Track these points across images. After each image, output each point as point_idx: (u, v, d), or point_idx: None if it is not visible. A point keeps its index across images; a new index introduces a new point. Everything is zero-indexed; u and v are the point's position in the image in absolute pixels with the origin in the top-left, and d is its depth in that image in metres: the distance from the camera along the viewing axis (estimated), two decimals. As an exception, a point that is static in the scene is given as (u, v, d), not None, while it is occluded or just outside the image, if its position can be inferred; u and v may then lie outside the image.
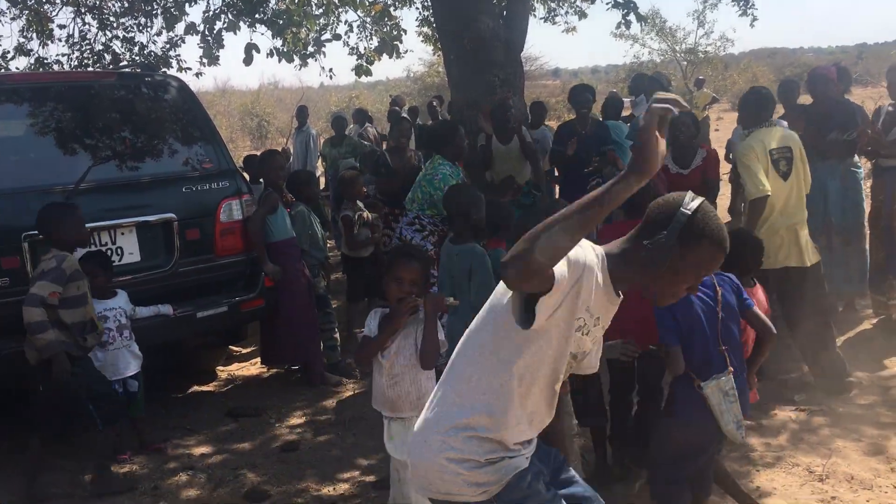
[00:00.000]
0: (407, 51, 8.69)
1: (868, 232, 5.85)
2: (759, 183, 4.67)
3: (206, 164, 4.97)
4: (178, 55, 10.00)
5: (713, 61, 24.50)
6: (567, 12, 12.64)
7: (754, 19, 9.57)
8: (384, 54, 8.56)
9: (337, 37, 8.75)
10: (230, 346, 6.02)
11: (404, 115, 10.92)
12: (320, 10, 8.15)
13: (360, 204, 6.26)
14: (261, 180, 5.93)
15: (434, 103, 12.14)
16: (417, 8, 12.11)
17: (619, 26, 8.33)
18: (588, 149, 6.78)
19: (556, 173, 7.64)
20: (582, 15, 12.65)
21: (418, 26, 12.62)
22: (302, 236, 5.47)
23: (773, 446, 4.09)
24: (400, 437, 3.03)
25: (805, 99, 6.79)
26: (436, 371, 3.03)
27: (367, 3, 8.21)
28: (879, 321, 5.75)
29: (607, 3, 7.88)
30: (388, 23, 8.69)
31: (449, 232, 4.44)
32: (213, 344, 5.56)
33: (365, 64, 8.92)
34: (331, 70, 9.18)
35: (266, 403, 5.18)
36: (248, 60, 7.81)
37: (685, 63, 23.69)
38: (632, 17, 7.80)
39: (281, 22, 7.09)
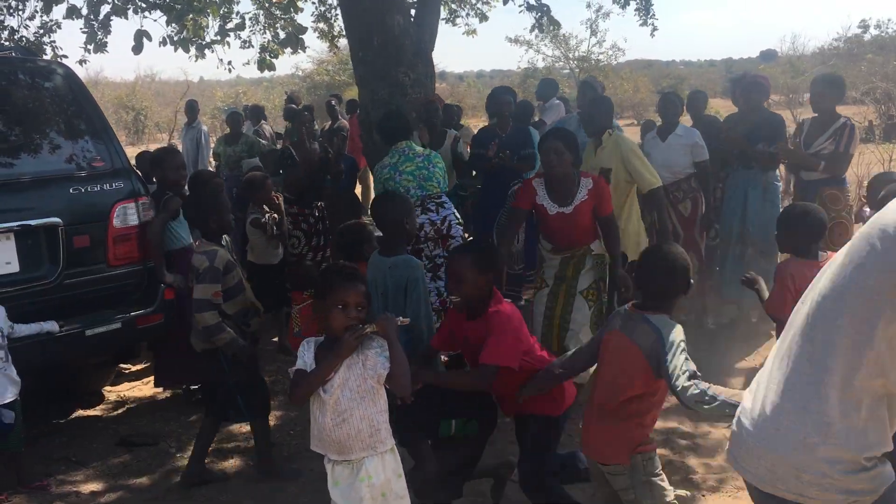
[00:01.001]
0: (307, 46, 8.23)
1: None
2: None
3: (96, 163, 4.42)
4: (54, 41, 9.17)
5: (605, 70, 25.06)
6: (468, 14, 12.53)
7: (654, 29, 9.68)
8: (288, 48, 8.08)
9: (241, 26, 8.18)
10: (120, 364, 5.43)
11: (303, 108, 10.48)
12: (221, -2, 7.56)
13: (266, 207, 5.80)
14: (154, 180, 5.39)
15: (333, 102, 11.68)
16: (314, 2, 11.69)
17: (533, 29, 8.19)
18: (513, 153, 6.58)
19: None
20: (483, 18, 12.56)
21: (314, 22, 12.16)
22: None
23: (714, 467, 3.96)
24: (347, 482, 2.65)
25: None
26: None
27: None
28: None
29: (520, 6, 7.72)
30: (292, 15, 8.19)
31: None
32: (102, 363, 4.97)
33: (269, 58, 8.40)
34: (230, 63, 8.60)
35: (163, 429, 4.67)
36: (137, 49, 7.16)
37: (578, 70, 24.09)
38: (545, 20, 7.66)
39: (179, 7, 6.50)
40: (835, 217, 5.41)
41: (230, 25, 7.95)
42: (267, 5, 8.65)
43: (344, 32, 12.31)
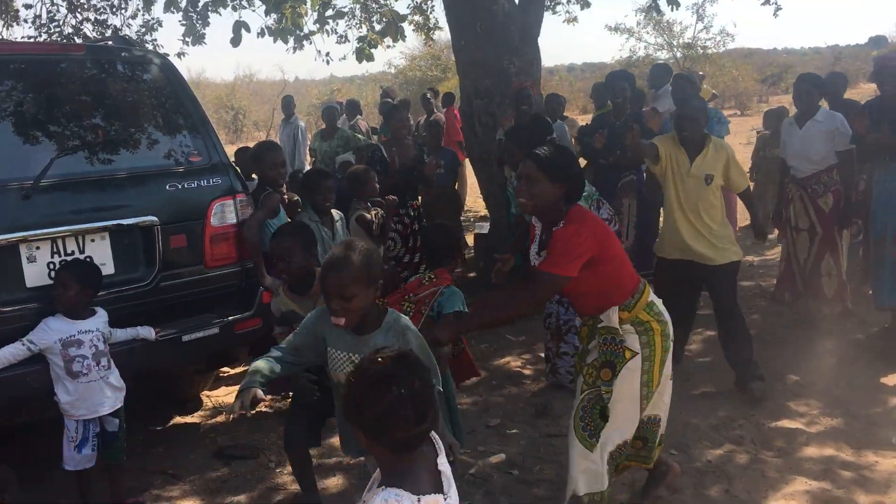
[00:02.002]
0: (405, 36, 7.87)
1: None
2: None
3: (193, 158, 4.16)
4: (155, 40, 9.16)
5: (712, 57, 23.96)
6: (570, 1, 11.96)
7: (778, 8, 9.01)
8: (387, 37, 7.77)
9: (340, 14, 7.92)
10: (218, 369, 5.21)
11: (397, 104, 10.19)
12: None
13: (369, 204, 5.49)
14: (254, 177, 5.15)
15: (428, 95, 11.38)
16: (410, -7, 11.39)
17: (649, 10, 7.63)
18: (621, 142, 6.08)
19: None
20: (585, 4, 11.98)
21: (410, 14, 11.86)
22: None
23: (889, 505, 3.40)
24: None
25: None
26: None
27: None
28: None
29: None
30: (390, 4, 7.87)
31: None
32: (200, 369, 4.74)
33: (368, 48, 8.10)
34: (328, 54, 8.35)
35: (263, 441, 4.40)
36: (236, 41, 6.98)
37: (682, 58, 23.09)
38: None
39: (278, -5, 6.28)
40: None
41: (329, 13, 7.69)
42: (363, -3, 8.36)
43: (439, 24, 12.06)
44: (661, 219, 7.38)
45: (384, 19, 7.94)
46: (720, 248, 4.64)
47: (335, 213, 4.85)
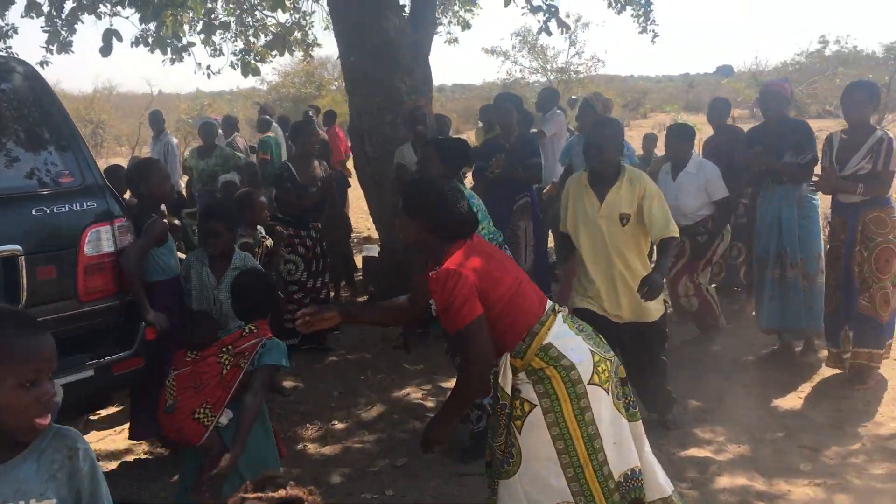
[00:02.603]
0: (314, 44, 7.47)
1: (824, 272, 5.24)
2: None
3: (63, 178, 3.69)
4: (10, 48, 8.36)
5: (584, 82, 24.69)
6: (451, 22, 11.93)
7: (655, 35, 9.22)
8: (275, 51, 7.40)
9: (225, 25, 7.45)
10: (88, 414, 4.69)
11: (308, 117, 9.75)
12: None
13: (261, 228, 5.11)
14: (126, 198, 4.70)
15: (311, 113, 11.01)
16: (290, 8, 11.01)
17: (539, 32, 7.63)
18: (512, 162, 5.98)
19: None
20: (466, 26, 11.99)
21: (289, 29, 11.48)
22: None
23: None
24: None
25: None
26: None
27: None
28: (834, 377, 5.16)
29: (523, 8, 7.16)
30: (276, 16, 7.51)
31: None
32: (67, 416, 4.21)
33: (253, 61, 7.68)
34: (209, 67, 7.86)
35: (142, 494, 3.93)
36: (106, 50, 6.41)
37: (556, 82, 23.65)
38: (553, 22, 7.10)
39: (157, 2, 5.77)
40: (881, 242, 4.82)
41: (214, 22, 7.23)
42: (246, 7, 7.92)
43: (318, 41, 11.75)
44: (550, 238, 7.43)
45: (269, 32, 7.56)
46: (647, 305, 3.99)
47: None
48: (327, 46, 47.78)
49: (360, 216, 11.55)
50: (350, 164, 9.74)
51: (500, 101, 6.39)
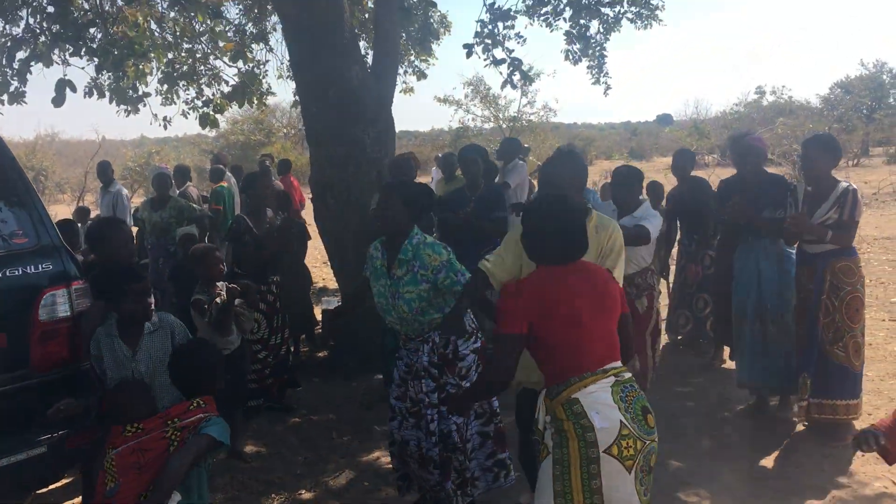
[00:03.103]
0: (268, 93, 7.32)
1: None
2: None
3: (17, 239, 3.46)
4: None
5: (535, 129, 25.00)
6: (406, 72, 11.93)
7: (608, 88, 9.35)
8: (234, 102, 7.21)
9: (187, 75, 7.25)
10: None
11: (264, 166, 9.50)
12: (170, 40, 6.60)
13: (221, 285, 4.89)
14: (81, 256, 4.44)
15: (267, 162, 10.81)
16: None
17: (504, 85, 7.63)
18: (479, 214, 5.90)
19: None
20: (422, 75, 12.01)
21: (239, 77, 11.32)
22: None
23: None
24: None
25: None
26: None
27: (220, 44, 6.83)
28: (807, 429, 5.10)
29: (486, 60, 7.14)
30: (238, 66, 7.35)
31: None
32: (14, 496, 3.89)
33: (213, 113, 7.48)
34: (165, 118, 7.62)
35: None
36: (59, 100, 6.16)
37: (509, 131, 23.91)
38: (517, 74, 7.09)
39: (117, 52, 5.54)
40: (850, 291, 4.81)
41: (175, 73, 7.02)
42: (200, 56, 7.75)
43: (272, 90, 11.62)
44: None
45: (221, 81, 7.38)
46: None
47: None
48: (277, 93, 47.67)
49: (314, 266, 11.32)
50: (304, 214, 9.58)
51: (466, 152, 6.32)
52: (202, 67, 9.62)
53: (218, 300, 4.83)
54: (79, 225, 8.45)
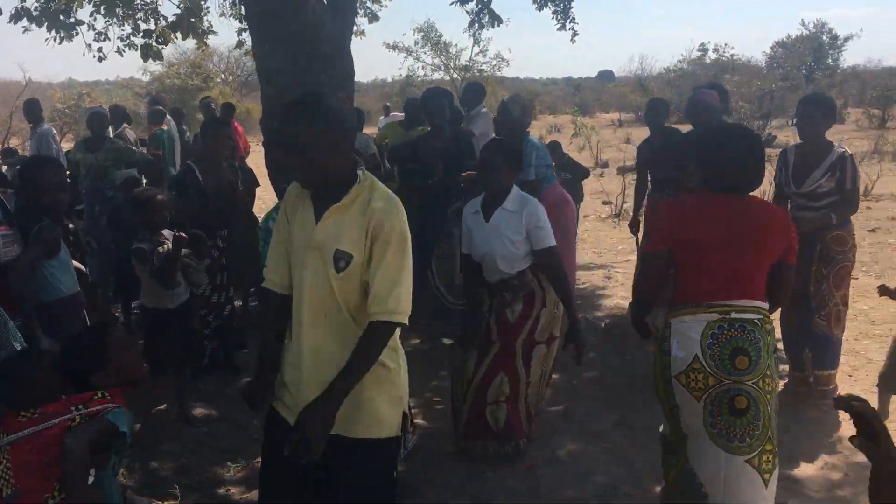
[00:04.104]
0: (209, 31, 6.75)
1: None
2: None
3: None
4: None
5: (487, 80, 24.52)
6: (359, 13, 11.34)
7: (575, 34, 9.00)
8: (177, 33, 6.62)
9: (127, 2, 6.60)
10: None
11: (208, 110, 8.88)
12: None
13: (167, 232, 4.45)
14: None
15: (213, 105, 10.19)
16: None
17: (471, 25, 7.20)
18: (453, 166, 5.54)
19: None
20: (374, 18, 11.48)
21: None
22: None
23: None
24: None
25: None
26: None
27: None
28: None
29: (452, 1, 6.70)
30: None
31: None
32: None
33: (156, 45, 6.86)
34: (100, 49, 6.97)
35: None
36: None
37: (460, 80, 23.37)
38: (485, 14, 6.68)
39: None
40: (840, 260, 4.59)
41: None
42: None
43: (213, 28, 10.93)
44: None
45: (159, 16, 6.75)
46: (356, 412, 2.46)
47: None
48: (216, 36, 45.88)
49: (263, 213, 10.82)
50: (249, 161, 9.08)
51: (433, 96, 5.90)
52: (138, 1, 8.95)
53: (161, 249, 4.40)
54: (4, 168, 7.82)
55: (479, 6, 6.71)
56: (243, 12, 6.26)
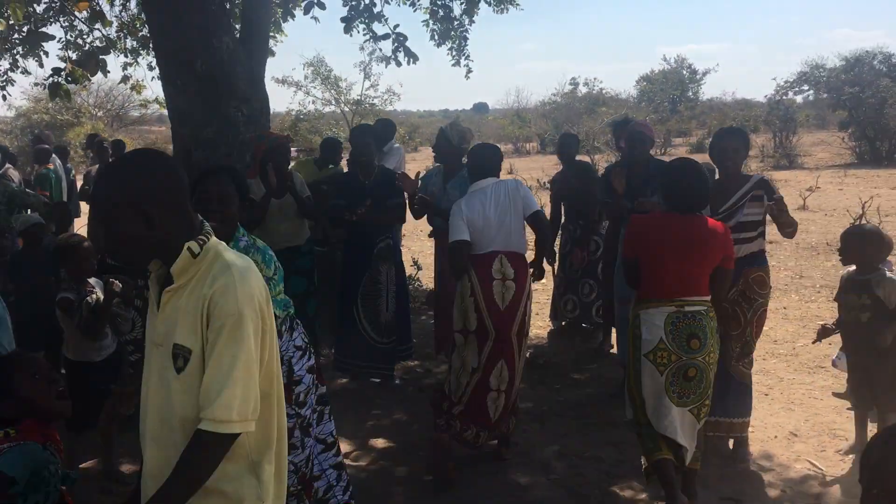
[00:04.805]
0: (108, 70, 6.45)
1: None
2: None
3: None
4: None
5: (378, 115, 24.56)
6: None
7: (469, 71, 9.21)
8: (88, 72, 6.30)
9: (46, 36, 6.20)
10: None
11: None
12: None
13: (94, 281, 4.21)
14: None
15: (105, 144, 9.75)
16: (63, 27, 9.60)
17: (388, 62, 7.20)
18: (376, 202, 5.52)
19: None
20: (270, 53, 11.29)
21: (61, 50, 10.04)
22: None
23: None
24: None
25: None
26: None
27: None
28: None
29: (365, 35, 6.72)
30: (98, 29, 6.42)
31: None
32: None
33: (64, 82, 6.49)
34: (3, 86, 6.52)
35: None
36: None
37: (351, 114, 23.28)
38: (401, 51, 6.72)
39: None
40: (761, 304, 4.40)
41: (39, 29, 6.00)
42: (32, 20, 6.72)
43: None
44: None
45: (76, 50, 6.45)
46: None
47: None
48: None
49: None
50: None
51: (359, 135, 5.84)
52: (16, 36, 8.49)
53: (89, 299, 4.17)
54: None
55: (396, 45, 6.76)
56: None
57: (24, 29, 6.48)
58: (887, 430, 1.79)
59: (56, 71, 6.22)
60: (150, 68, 8.49)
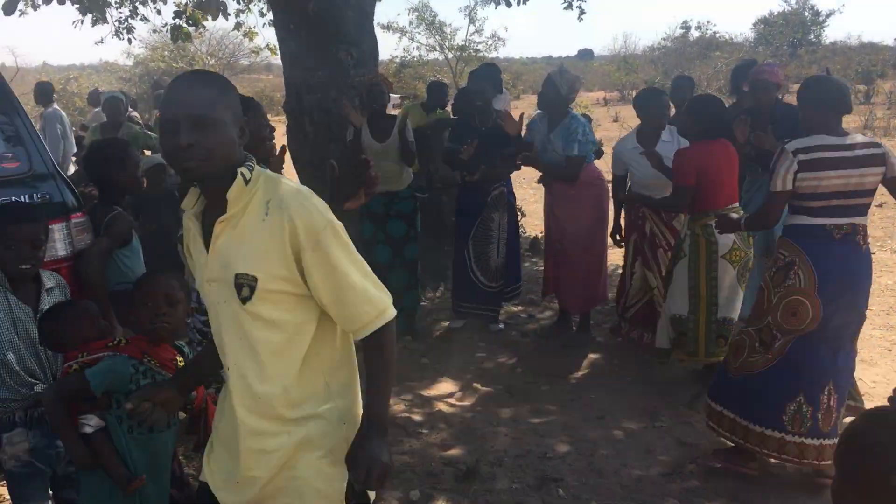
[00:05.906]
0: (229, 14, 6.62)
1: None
2: None
3: (7, 164, 2.91)
4: None
5: (483, 61, 24.37)
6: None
7: (582, 12, 8.95)
8: (209, 15, 6.49)
9: None
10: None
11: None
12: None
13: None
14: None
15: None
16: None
17: (497, 3, 7.11)
18: (489, 151, 5.46)
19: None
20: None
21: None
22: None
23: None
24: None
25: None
26: None
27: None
28: None
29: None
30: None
31: None
32: None
33: (186, 25, 6.73)
34: (129, 31, 6.81)
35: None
36: (9, 7, 5.38)
37: (455, 60, 23.19)
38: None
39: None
40: None
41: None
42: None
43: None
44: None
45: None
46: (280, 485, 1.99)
47: None
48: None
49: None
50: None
51: (478, 78, 5.74)
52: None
53: None
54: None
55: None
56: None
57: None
58: (873, 412, 1.61)
59: (178, 14, 6.39)
60: (262, 14, 8.63)
